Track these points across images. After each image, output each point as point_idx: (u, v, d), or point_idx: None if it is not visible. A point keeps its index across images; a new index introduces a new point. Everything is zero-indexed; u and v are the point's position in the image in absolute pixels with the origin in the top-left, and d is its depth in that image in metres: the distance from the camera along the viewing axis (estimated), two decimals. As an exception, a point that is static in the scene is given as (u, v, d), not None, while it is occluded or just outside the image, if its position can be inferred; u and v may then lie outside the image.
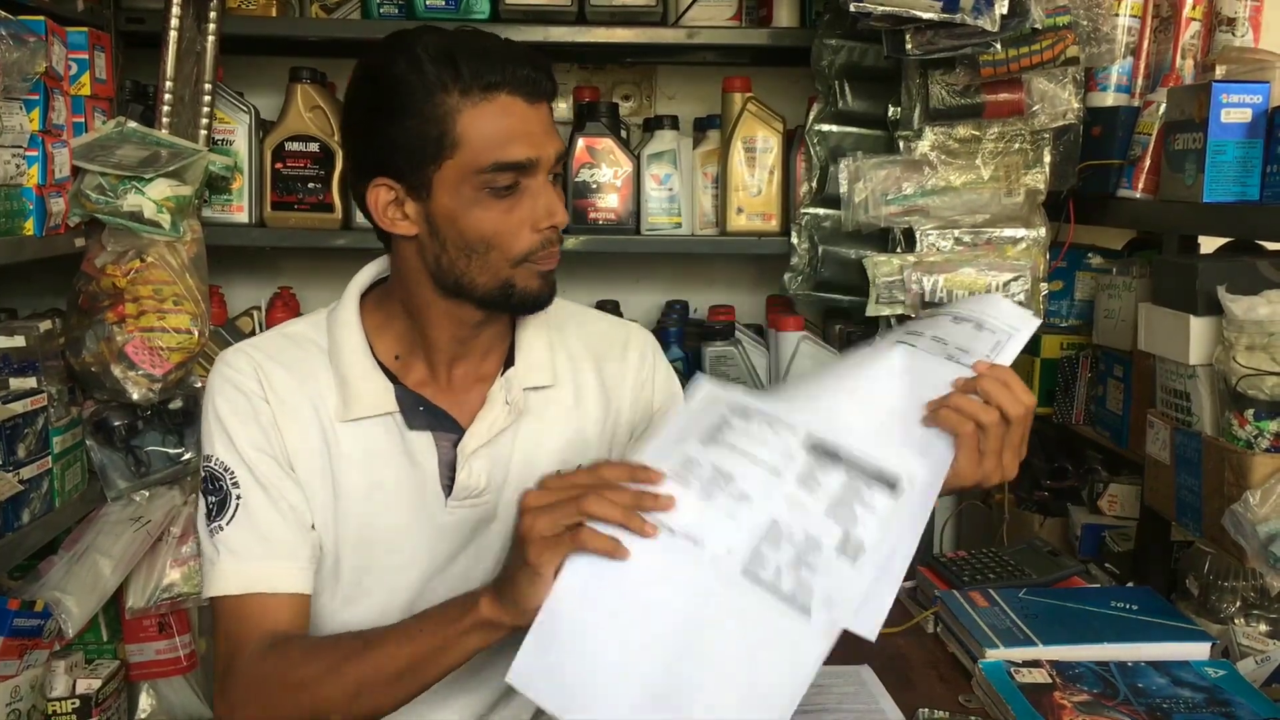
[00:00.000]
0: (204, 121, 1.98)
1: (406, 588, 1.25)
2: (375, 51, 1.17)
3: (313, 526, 1.22)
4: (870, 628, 0.97)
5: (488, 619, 1.02)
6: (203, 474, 1.22)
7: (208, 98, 1.98)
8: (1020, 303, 1.89)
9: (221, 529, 1.18)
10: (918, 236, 1.91)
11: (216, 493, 1.19)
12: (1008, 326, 1.07)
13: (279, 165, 2.09)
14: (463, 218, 1.15)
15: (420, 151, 1.14)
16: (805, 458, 1.03)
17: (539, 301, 1.21)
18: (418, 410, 1.23)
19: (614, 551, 0.96)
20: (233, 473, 1.19)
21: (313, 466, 1.22)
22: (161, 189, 1.85)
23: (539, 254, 1.17)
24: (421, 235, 1.18)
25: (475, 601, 1.03)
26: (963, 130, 1.92)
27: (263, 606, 1.17)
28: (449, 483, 1.24)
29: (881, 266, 1.93)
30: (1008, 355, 1.07)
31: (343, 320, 1.26)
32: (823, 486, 1.02)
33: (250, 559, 1.18)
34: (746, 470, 1.01)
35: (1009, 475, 1.07)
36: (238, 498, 1.19)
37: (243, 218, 2.11)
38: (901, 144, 1.95)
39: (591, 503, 0.96)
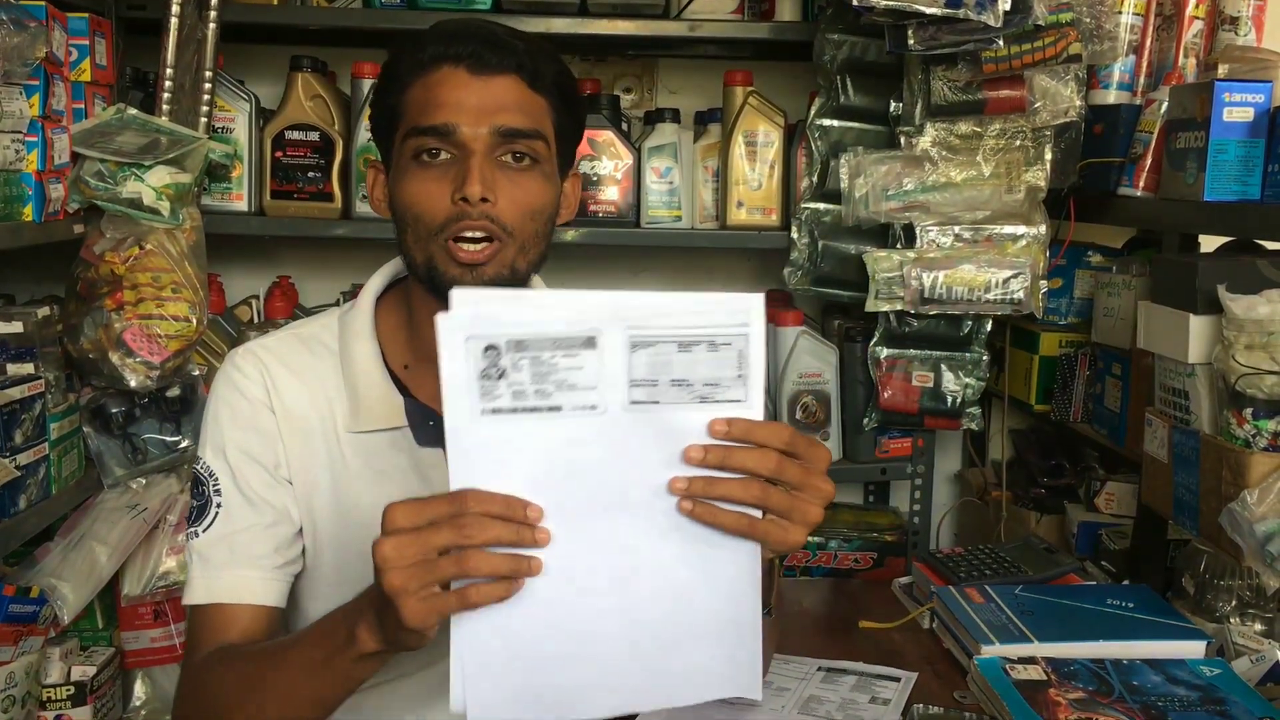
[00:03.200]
0: (204, 109, 1.98)
1: None
2: None
3: (300, 533, 1.20)
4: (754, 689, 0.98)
5: (373, 652, 0.95)
6: (191, 475, 1.21)
7: (208, 85, 1.97)
8: (1019, 299, 1.90)
9: (197, 535, 1.17)
10: (918, 232, 1.91)
11: (199, 497, 1.18)
12: (737, 327, 0.89)
13: (279, 154, 2.09)
14: (397, 187, 1.15)
15: (385, 124, 1.17)
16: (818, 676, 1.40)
17: None
18: (427, 425, 1.19)
19: (508, 595, 0.87)
20: (216, 478, 1.17)
21: (318, 479, 1.19)
22: (161, 176, 1.85)
23: (452, 228, 1.11)
24: (394, 216, 1.18)
25: (354, 636, 0.95)
26: (964, 126, 1.92)
27: (223, 616, 1.15)
28: None
29: (881, 262, 1.93)
30: (755, 364, 0.90)
31: (356, 325, 1.22)
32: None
33: (218, 568, 1.16)
34: None
35: (813, 522, 0.94)
36: (217, 505, 1.17)
37: (242, 206, 2.11)
38: (902, 139, 1.95)
39: (472, 561, 0.85)
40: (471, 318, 0.85)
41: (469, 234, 1.11)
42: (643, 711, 0.98)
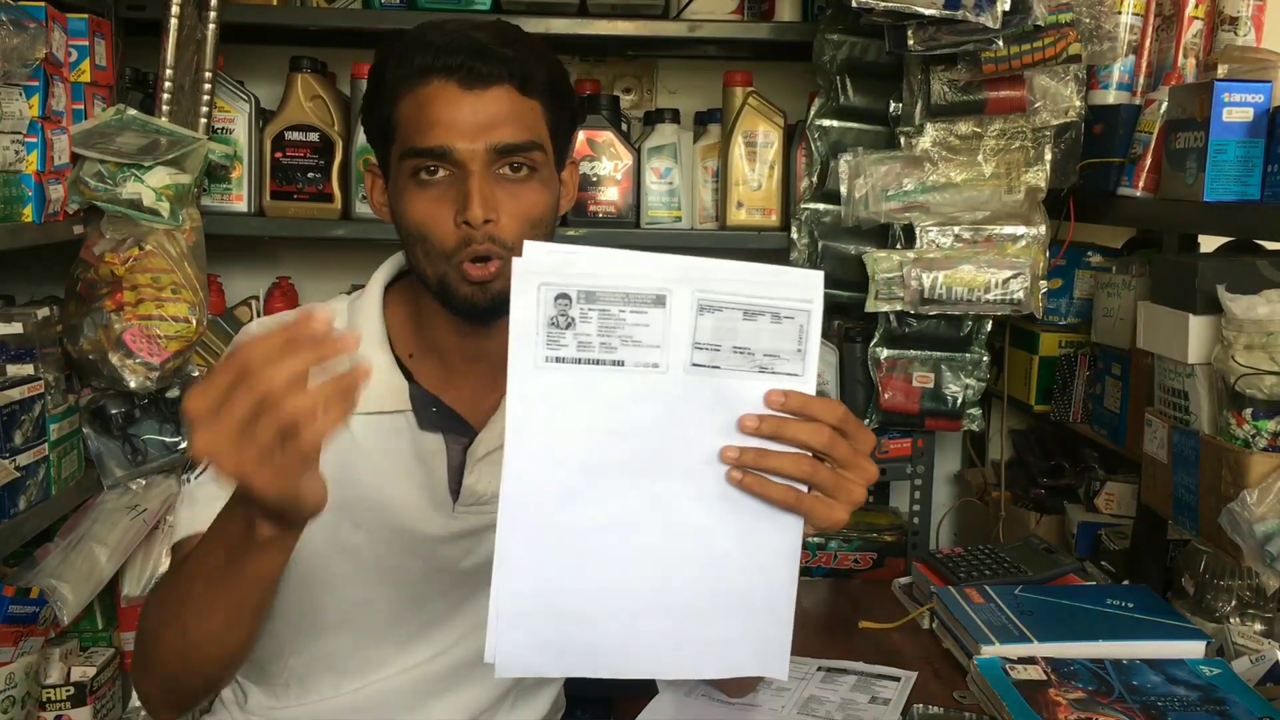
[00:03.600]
0: (204, 110, 1.98)
1: (407, 581, 1.23)
2: None
3: None
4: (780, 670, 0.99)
5: (271, 536, 0.91)
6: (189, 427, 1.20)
7: (208, 86, 1.97)
8: (1018, 300, 1.90)
9: (189, 481, 1.15)
10: (917, 233, 1.91)
11: None
12: (800, 302, 0.91)
13: (278, 154, 2.09)
14: (398, 204, 1.16)
15: (380, 136, 1.17)
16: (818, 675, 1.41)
17: (475, 309, 1.14)
18: (430, 410, 1.21)
19: (348, 413, 0.82)
20: None
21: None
22: (161, 177, 1.85)
23: (463, 253, 1.11)
24: (397, 227, 1.18)
25: (251, 528, 0.91)
26: (964, 127, 1.92)
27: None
28: (458, 487, 1.22)
29: (881, 262, 1.93)
30: (814, 340, 0.92)
31: (364, 310, 1.24)
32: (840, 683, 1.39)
33: (203, 503, 1.12)
34: None
35: (857, 502, 0.95)
36: None
37: (242, 207, 2.11)
38: (902, 140, 1.95)
39: (289, 409, 0.78)
40: (547, 265, 0.86)
41: (477, 257, 1.12)
42: (666, 678, 0.99)
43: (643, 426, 0.91)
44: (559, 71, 1.20)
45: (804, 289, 0.91)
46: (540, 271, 0.87)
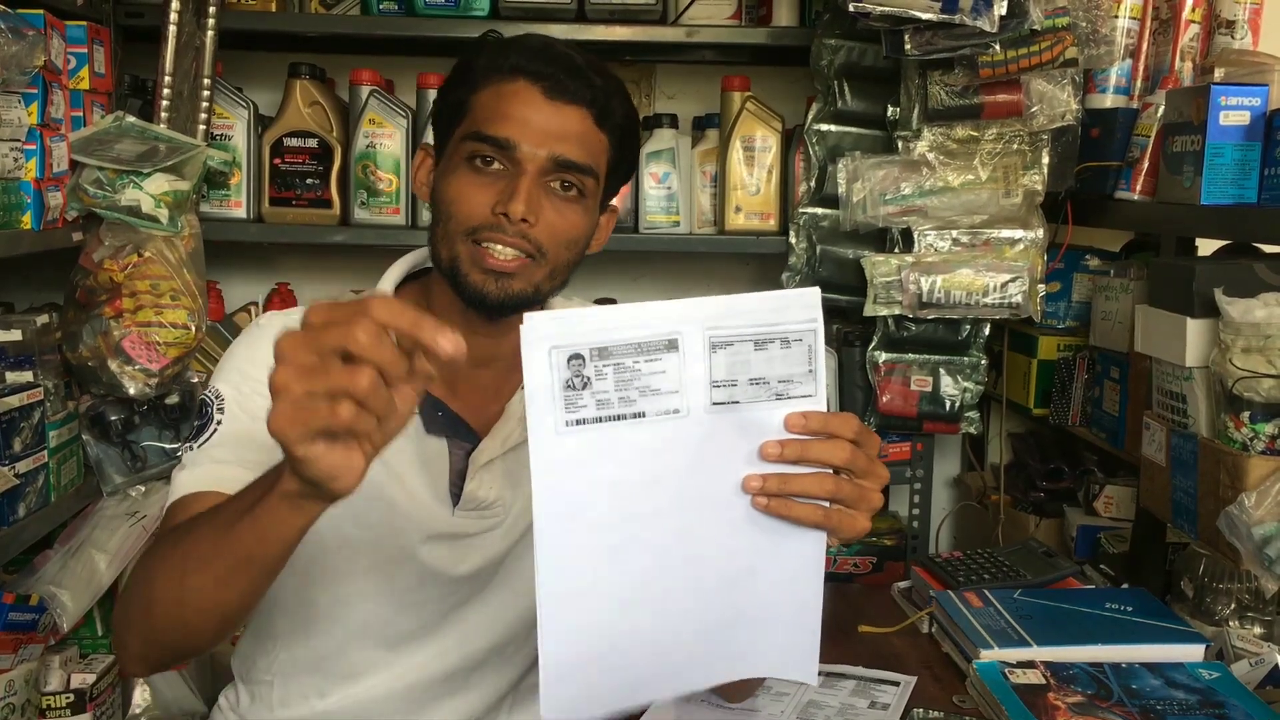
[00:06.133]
0: (203, 116, 1.98)
1: (400, 581, 1.24)
2: None
3: None
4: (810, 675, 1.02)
5: (292, 490, 0.85)
6: (198, 403, 1.20)
7: (206, 93, 1.98)
8: (1017, 303, 1.90)
9: (192, 449, 1.14)
10: (915, 237, 1.91)
11: (201, 417, 1.16)
12: (805, 322, 0.91)
13: (277, 161, 2.09)
14: (443, 179, 1.18)
15: (449, 117, 1.19)
16: None
17: (483, 297, 1.15)
18: (435, 414, 1.22)
19: (400, 422, 0.80)
20: (221, 399, 1.16)
21: None
22: (160, 184, 1.85)
23: (484, 234, 1.13)
24: (431, 205, 1.20)
25: (279, 475, 0.86)
26: (961, 131, 1.92)
27: (199, 503, 1.05)
28: (458, 491, 1.23)
29: (879, 266, 1.93)
30: (821, 358, 0.92)
31: None
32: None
33: (206, 464, 1.11)
34: None
35: (876, 508, 0.97)
36: (218, 422, 1.15)
37: (241, 213, 2.11)
38: (900, 144, 1.95)
39: (363, 382, 0.76)
40: (555, 329, 0.85)
41: (499, 244, 1.13)
42: (703, 688, 1.01)
43: (671, 473, 0.91)
44: (633, 118, 1.22)
45: (806, 309, 0.91)
46: (549, 335, 0.85)
